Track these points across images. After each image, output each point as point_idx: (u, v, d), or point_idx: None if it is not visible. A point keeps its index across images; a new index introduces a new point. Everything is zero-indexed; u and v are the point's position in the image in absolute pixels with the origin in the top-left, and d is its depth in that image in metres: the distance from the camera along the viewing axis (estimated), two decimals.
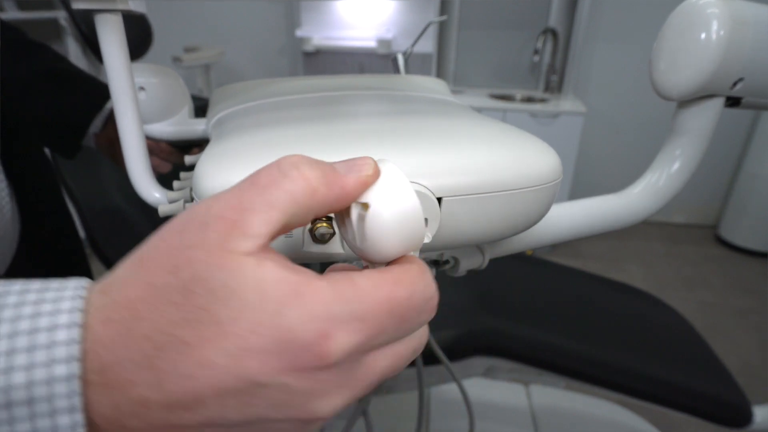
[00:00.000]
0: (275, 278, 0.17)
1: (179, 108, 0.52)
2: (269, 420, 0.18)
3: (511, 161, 0.28)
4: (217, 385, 0.16)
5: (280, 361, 0.16)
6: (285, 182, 0.17)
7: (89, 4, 0.34)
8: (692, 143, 0.39)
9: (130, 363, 0.16)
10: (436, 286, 0.20)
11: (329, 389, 0.18)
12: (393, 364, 0.20)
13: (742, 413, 0.81)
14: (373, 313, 0.17)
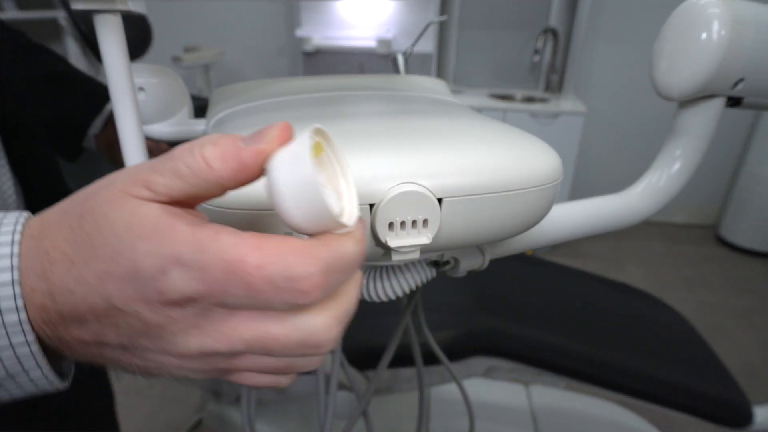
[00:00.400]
0: (146, 215, 0.18)
1: (179, 108, 0.52)
2: (146, 349, 0.20)
3: (512, 162, 0.28)
4: (90, 303, 0.19)
5: (131, 289, 0.18)
6: (188, 158, 0.19)
7: (89, 4, 0.34)
8: (693, 143, 0.39)
9: (33, 273, 0.19)
10: (326, 280, 0.18)
11: (184, 329, 0.19)
12: (260, 339, 0.19)
13: (742, 413, 0.81)
14: (214, 267, 0.18)
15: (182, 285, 0.18)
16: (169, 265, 0.18)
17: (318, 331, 0.19)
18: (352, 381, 0.61)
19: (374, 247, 0.28)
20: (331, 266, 0.18)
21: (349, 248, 0.19)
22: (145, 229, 0.18)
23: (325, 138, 0.21)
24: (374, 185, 0.26)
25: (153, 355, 0.20)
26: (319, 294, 0.18)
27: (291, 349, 0.20)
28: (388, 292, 0.36)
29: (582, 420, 1.11)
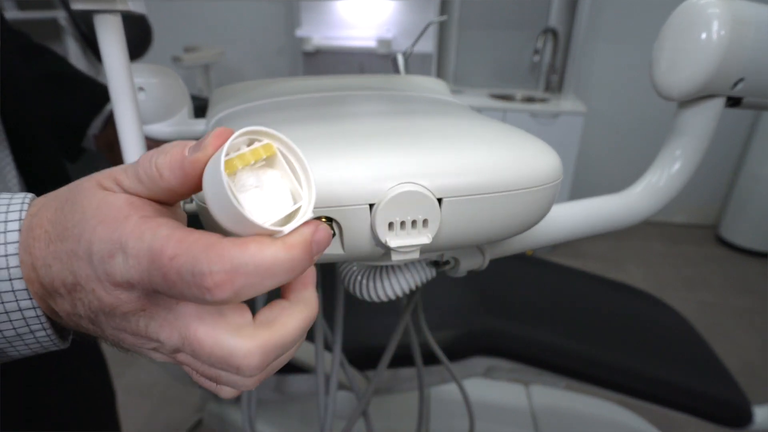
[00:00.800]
0: (111, 203, 0.21)
1: (179, 108, 0.52)
2: (107, 324, 0.22)
3: (511, 162, 0.28)
4: (62, 277, 0.21)
5: (89, 268, 0.20)
6: (146, 164, 0.21)
7: (89, 4, 0.34)
8: (693, 143, 0.39)
9: (23, 247, 0.22)
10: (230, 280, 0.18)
11: (133, 310, 0.21)
12: (190, 340, 0.20)
13: (742, 413, 0.81)
14: (143, 256, 0.19)
15: (123, 270, 0.20)
16: (115, 251, 0.20)
17: (239, 354, 0.20)
18: (352, 381, 0.61)
19: (374, 247, 0.28)
20: (240, 268, 0.18)
21: (268, 254, 0.18)
22: (105, 216, 0.20)
23: (280, 141, 0.21)
24: (374, 185, 0.26)
25: (112, 330, 0.22)
26: (223, 294, 0.18)
27: (213, 362, 0.20)
28: (388, 292, 0.36)
29: (582, 420, 1.11)
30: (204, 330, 0.20)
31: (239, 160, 0.19)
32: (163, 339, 0.21)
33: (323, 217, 0.26)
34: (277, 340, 0.20)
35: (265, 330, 0.20)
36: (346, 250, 0.27)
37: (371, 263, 0.36)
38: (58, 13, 2.01)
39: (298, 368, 0.79)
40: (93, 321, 0.22)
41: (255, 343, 0.20)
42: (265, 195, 0.20)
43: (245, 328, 0.20)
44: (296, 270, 0.19)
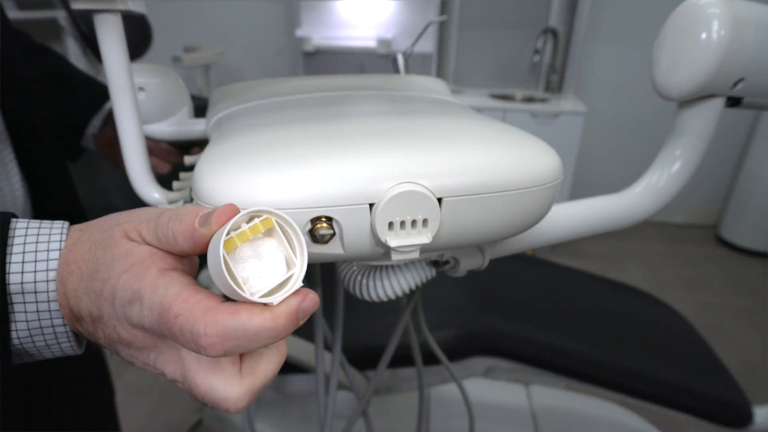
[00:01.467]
0: (136, 254, 0.24)
1: (179, 108, 0.52)
2: (132, 357, 0.26)
3: (511, 161, 0.28)
4: (89, 309, 0.25)
5: (112, 309, 0.24)
6: (164, 227, 0.24)
7: (89, 4, 0.34)
8: (693, 143, 0.39)
9: (59, 278, 0.25)
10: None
11: (147, 346, 0.25)
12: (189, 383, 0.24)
13: (742, 413, 0.81)
14: (155, 309, 0.22)
15: (139, 316, 0.23)
16: (135, 299, 0.23)
17: (229, 400, 0.23)
18: (352, 381, 0.61)
19: (374, 247, 0.28)
20: (231, 333, 0.21)
21: (256, 322, 0.21)
22: (130, 265, 0.24)
23: (279, 216, 0.23)
24: (374, 185, 0.26)
25: (126, 355, 0.26)
26: (214, 352, 0.21)
27: (207, 401, 0.24)
28: (387, 292, 0.36)
29: (582, 420, 1.11)
30: (201, 376, 0.24)
31: (238, 238, 0.22)
32: (167, 372, 0.25)
33: (323, 217, 0.26)
34: (261, 384, 0.24)
35: (250, 377, 0.24)
36: (346, 250, 0.27)
37: (371, 263, 0.36)
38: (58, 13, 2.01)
39: (298, 368, 0.79)
40: (110, 345, 0.26)
41: (243, 389, 0.23)
42: (261, 265, 0.23)
43: (235, 377, 0.24)
44: (280, 336, 0.22)
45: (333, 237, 0.27)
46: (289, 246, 0.23)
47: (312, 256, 0.27)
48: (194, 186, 0.27)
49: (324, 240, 0.27)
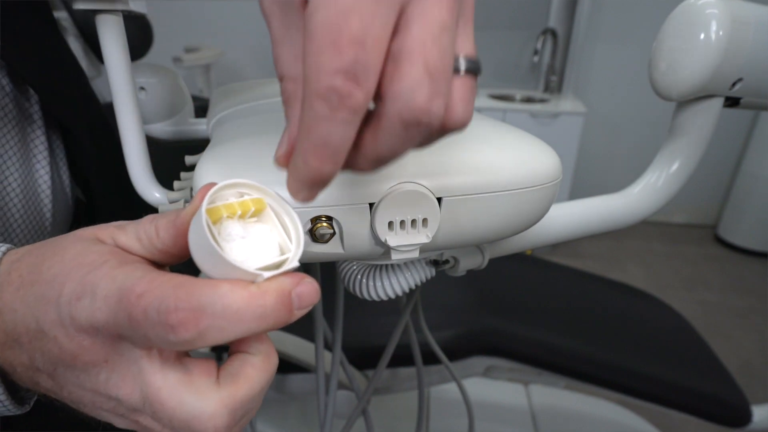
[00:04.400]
0: (95, 250, 0.20)
1: (179, 108, 0.52)
2: (66, 380, 0.20)
3: (511, 161, 0.28)
4: (25, 323, 0.20)
5: (54, 312, 0.19)
6: (146, 224, 0.22)
7: (90, 4, 0.34)
8: (691, 143, 0.40)
9: None
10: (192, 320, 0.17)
11: (95, 360, 0.19)
12: (153, 399, 0.19)
13: (741, 413, 0.81)
14: (112, 296, 0.18)
15: (89, 312, 0.19)
16: (84, 293, 0.19)
17: (203, 416, 0.19)
18: (351, 380, 0.61)
19: (374, 246, 0.28)
20: (207, 308, 0.17)
21: (238, 296, 0.18)
22: (83, 260, 0.20)
23: (271, 197, 0.21)
24: (374, 184, 0.26)
25: (71, 387, 0.21)
26: (186, 333, 0.17)
27: (175, 426, 0.19)
28: (387, 291, 0.36)
29: (582, 420, 1.12)
30: (167, 389, 0.19)
31: (225, 208, 0.19)
32: (122, 396, 0.20)
33: (323, 216, 0.26)
34: (244, 396, 0.20)
35: (230, 386, 0.19)
36: (345, 249, 0.28)
37: (371, 262, 0.36)
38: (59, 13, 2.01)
39: (298, 368, 0.79)
40: (52, 376, 0.20)
41: (220, 402, 0.19)
42: (250, 245, 0.20)
43: (210, 388, 0.19)
44: (268, 319, 0.18)
45: (333, 236, 0.27)
46: (284, 232, 0.21)
47: (312, 255, 0.28)
48: (195, 186, 0.27)
49: (324, 239, 0.27)
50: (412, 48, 0.15)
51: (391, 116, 0.16)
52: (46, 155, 0.42)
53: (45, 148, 0.41)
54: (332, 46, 0.14)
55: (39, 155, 0.41)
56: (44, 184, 0.41)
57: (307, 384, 0.82)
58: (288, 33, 0.17)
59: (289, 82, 0.18)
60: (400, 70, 0.15)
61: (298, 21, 0.17)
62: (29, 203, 0.39)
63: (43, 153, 0.41)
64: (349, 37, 0.14)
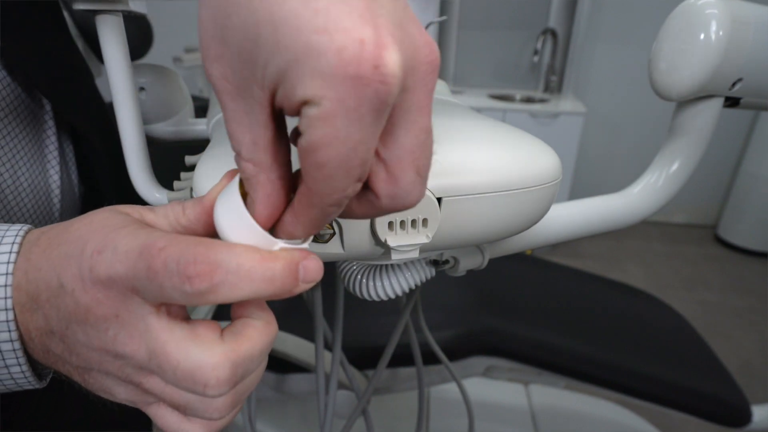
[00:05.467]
0: (117, 216, 0.22)
1: (179, 108, 0.52)
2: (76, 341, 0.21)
3: (511, 162, 0.28)
4: (47, 280, 0.21)
5: (75, 266, 0.20)
6: (174, 204, 0.23)
7: (90, 4, 0.34)
8: (691, 143, 0.40)
9: (22, 257, 0.22)
10: (215, 273, 0.19)
11: (106, 315, 0.20)
12: (158, 353, 0.20)
13: (741, 413, 0.81)
14: (133, 250, 0.19)
15: (108, 264, 0.20)
16: (106, 247, 0.20)
17: (207, 367, 0.20)
18: (351, 380, 0.61)
19: (374, 246, 0.28)
20: (223, 264, 0.19)
21: (252, 257, 0.19)
22: (111, 223, 0.21)
23: None
24: None
25: (81, 348, 0.21)
26: (202, 284, 0.18)
27: (179, 378, 0.20)
28: (387, 291, 0.36)
29: (581, 420, 1.12)
30: (174, 342, 0.20)
31: None
32: (129, 353, 0.21)
33: None
34: (245, 352, 0.21)
35: (232, 342, 0.21)
36: (346, 249, 0.28)
37: (371, 262, 0.36)
38: None
39: (297, 367, 0.79)
40: (63, 338, 0.21)
41: (223, 355, 0.20)
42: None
43: (214, 342, 0.20)
44: (275, 283, 0.19)
45: (333, 236, 0.27)
46: None
47: None
48: (195, 186, 0.27)
49: (324, 239, 0.27)
50: (404, 156, 0.18)
51: (385, 208, 0.19)
52: (56, 155, 0.42)
53: (55, 148, 0.42)
54: (345, 173, 0.17)
55: (49, 155, 0.42)
56: (54, 183, 0.42)
57: (307, 384, 0.82)
58: (246, 118, 0.18)
59: (249, 165, 0.19)
60: (395, 175, 0.18)
61: (260, 114, 0.18)
62: (39, 201, 0.40)
63: (54, 153, 0.42)
64: (356, 163, 0.16)
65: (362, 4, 0.15)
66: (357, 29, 0.14)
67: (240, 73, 0.17)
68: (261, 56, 0.16)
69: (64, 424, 0.48)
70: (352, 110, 0.15)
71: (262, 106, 0.17)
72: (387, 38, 0.15)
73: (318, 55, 0.14)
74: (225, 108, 0.18)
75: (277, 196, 0.20)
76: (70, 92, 0.44)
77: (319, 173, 0.16)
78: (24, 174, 0.39)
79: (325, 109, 0.15)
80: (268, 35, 0.15)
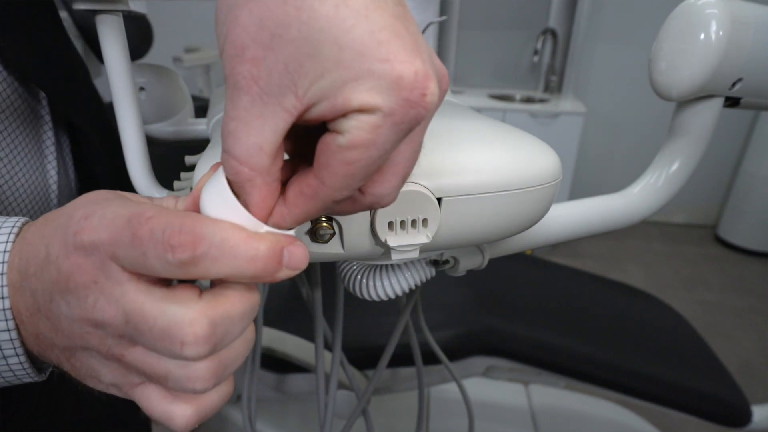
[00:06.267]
0: (110, 192, 0.23)
1: (179, 108, 0.52)
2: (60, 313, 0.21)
3: (511, 161, 0.28)
4: (36, 253, 0.22)
5: (61, 234, 0.21)
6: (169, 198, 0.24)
7: (90, 4, 0.34)
8: (691, 143, 0.40)
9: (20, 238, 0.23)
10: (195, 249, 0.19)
11: (86, 282, 0.20)
12: (135, 314, 0.20)
13: (741, 413, 0.81)
14: (120, 217, 0.20)
15: (93, 229, 0.20)
16: (93, 213, 0.20)
17: (183, 322, 0.19)
18: (351, 380, 0.61)
19: (374, 246, 0.28)
20: (207, 236, 0.19)
21: (237, 234, 0.19)
22: (104, 196, 0.22)
23: None
24: None
25: (65, 322, 0.22)
26: (185, 253, 0.19)
27: (156, 337, 0.20)
28: (387, 291, 0.36)
29: (581, 420, 1.12)
30: (150, 302, 0.20)
31: None
32: (107, 319, 0.20)
33: (323, 216, 0.26)
34: (224, 311, 0.20)
35: (210, 300, 0.20)
36: (346, 249, 0.28)
37: (371, 262, 0.36)
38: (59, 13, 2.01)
39: (298, 367, 0.79)
40: (48, 314, 0.22)
41: (201, 311, 0.20)
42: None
43: (192, 299, 0.20)
44: (257, 263, 0.19)
45: (333, 236, 0.27)
46: None
47: (312, 255, 0.28)
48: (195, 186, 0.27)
49: (324, 239, 0.27)
50: (398, 163, 0.20)
51: (365, 205, 0.21)
52: (54, 151, 0.43)
53: (52, 143, 0.43)
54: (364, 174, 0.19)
55: (47, 150, 0.42)
56: (51, 180, 0.42)
57: (307, 384, 0.82)
58: (258, 122, 0.18)
59: (245, 169, 0.19)
60: (386, 179, 0.20)
61: (281, 121, 0.18)
62: (37, 197, 0.41)
63: (51, 149, 0.42)
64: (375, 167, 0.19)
65: (410, 40, 0.17)
66: (411, 62, 0.17)
67: (277, 80, 0.17)
68: (315, 70, 0.17)
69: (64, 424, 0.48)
70: (396, 124, 0.18)
71: (290, 114, 0.18)
72: (430, 71, 0.18)
73: (379, 77, 0.17)
74: (237, 106, 0.18)
75: (272, 198, 0.20)
76: (68, 91, 0.44)
77: (344, 169, 0.18)
78: (21, 170, 0.39)
79: (376, 118, 0.17)
80: (331, 55, 0.17)
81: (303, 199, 0.20)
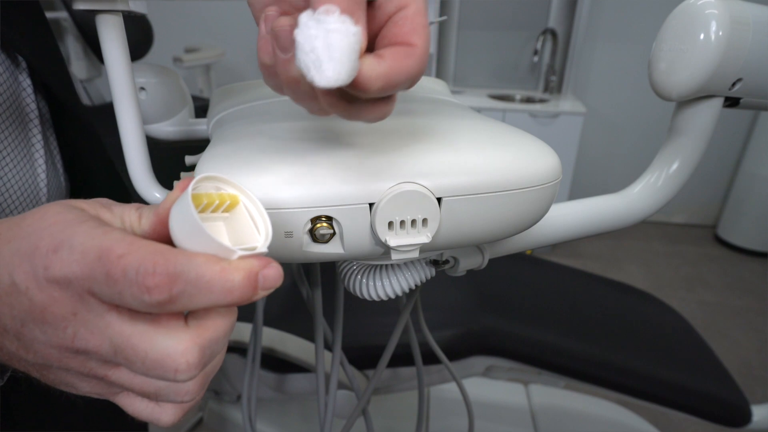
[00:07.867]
0: (72, 212, 0.21)
1: (179, 108, 0.52)
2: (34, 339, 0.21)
3: (511, 161, 0.28)
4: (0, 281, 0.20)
5: (28, 265, 0.20)
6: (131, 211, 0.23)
7: (90, 4, 0.34)
8: (691, 143, 0.40)
9: None
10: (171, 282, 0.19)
11: (64, 314, 0.20)
12: (123, 347, 0.20)
13: (741, 413, 0.81)
14: (91, 252, 0.19)
15: (64, 263, 0.19)
16: (61, 246, 0.20)
17: (176, 354, 0.20)
18: (351, 380, 0.61)
19: (374, 246, 0.28)
20: (182, 275, 0.19)
21: (211, 269, 0.19)
22: (65, 218, 0.21)
23: (242, 192, 0.23)
24: (374, 185, 0.26)
25: (39, 346, 0.21)
26: (161, 295, 0.18)
27: (149, 367, 0.20)
28: (387, 291, 0.36)
29: (581, 419, 1.12)
30: (138, 334, 0.20)
31: (205, 197, 0.21)
32: (92, 348, 0.20)
33: (323, 216, 0.26)
34: (211, 335, 0.21)
35: (197, 328, 0.21)
36: (346, 249, 0.28)
37: (371, 262, 0.36)
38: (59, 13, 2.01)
39: (297, 367, 0.79)
40: (18, 335, 0.21)
41: (191, 341, 0.20)
42: (223, 233, 0.22)
43: (179, 329, 0.20)
44: (233, 294, 0.19)
45: (333, 236, 0.27)
46: (255, 227, 0.23)
47: (312, 255, 0.28)
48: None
49: (324, 239, 0.27)
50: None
51: (421, 59, 0.23)
52: (41, 150, 0.43)
53: (40, 143, 0.43)
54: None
55: (36, 153, 0.42)
56: (40, 180, 0.42)
57: (307, 384, 0.82)
58: None
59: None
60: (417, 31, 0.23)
61: None
62: (27, 199, 0.40)
63: (40, 152, 0.42)
64: None
65: None
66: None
67: None
68: None
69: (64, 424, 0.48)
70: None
71: None
72: None
73: None
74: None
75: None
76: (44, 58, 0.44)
77: (426, 29, 0.23)
78: (10, 171, 0.39)
79: None
80: None
81: (402, 55, 0.22)
